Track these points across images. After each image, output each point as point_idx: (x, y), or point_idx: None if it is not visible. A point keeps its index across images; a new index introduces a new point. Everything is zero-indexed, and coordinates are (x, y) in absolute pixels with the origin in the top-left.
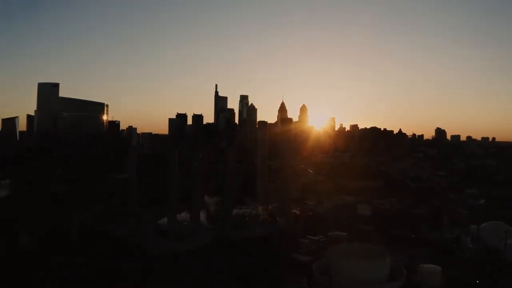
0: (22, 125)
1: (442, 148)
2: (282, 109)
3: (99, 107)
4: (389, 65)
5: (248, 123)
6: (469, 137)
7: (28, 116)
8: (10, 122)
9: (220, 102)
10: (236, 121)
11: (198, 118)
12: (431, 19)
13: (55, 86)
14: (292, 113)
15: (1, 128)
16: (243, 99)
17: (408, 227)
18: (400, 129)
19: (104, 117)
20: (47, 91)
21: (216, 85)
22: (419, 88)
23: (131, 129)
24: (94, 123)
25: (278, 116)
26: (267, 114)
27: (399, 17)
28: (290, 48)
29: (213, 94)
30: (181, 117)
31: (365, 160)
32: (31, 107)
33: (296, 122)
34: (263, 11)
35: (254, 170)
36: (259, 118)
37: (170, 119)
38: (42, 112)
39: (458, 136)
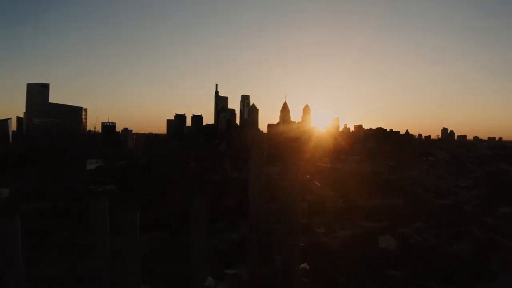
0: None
1: (451, 149)
2: (285, 109)
3: (76, 112)
4: (392, 65)
5: (249, 124)
6: (476, 137)
7: (18, 118)
8: (3, 124)
9: (220, 102)
10: (237, 122)
11: (197, 119)
12: (435, 18)
13: (45, 86)
14: (295, 114)
15: None
16: (245, 99)
17: (452, 275)
18: (407, 129)
19: (83, 121)
20: (37, 92)
21: (217, 85)
22: (422, 88)
23: (126, 131)
24: (71, 128)
25: (280, 116)
26: (269, 114)
27: (403, 17)
28: (293, 48)
29: (213, 94)
30: (180, 118)
31: (373, 165)
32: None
33: (299, 122)
34: (266, 10)
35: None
36: (261, 118)
37: (168, 120)
38: (31, 114)
39: (465, 136)
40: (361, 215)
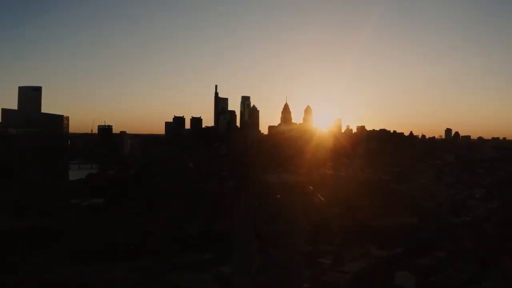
0: None
1: (454, 150)
2: (286, 110)
3: (56, 120)
4: (394, 65)
5: (250, 125)
6: (480, 138)
7: None
8: None
9: (220, 103)
10: (238, 123)
11: (196, 121)
12: (436, 18)
13: (37, 90)
14: (296, 114)
15: None
16: (245, 100)
17: None
18: (411, 131)
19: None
20: (28, 95)
21: (216, 86)
22: (424, 88)
23: (123, 134)
24: (51, 139)
25: (281, 117)
26: (270, 115)
27: (405, 17)
28: (293, 48)
29: (213, 95)
30: (178, 120)
31: (379, 171)
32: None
33: (300, 123)
34: (266, 10)
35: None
36: (262, 120)
37: (166, 123)
38: (6, 123)
39: (468, 137)
40: (372, 239)
